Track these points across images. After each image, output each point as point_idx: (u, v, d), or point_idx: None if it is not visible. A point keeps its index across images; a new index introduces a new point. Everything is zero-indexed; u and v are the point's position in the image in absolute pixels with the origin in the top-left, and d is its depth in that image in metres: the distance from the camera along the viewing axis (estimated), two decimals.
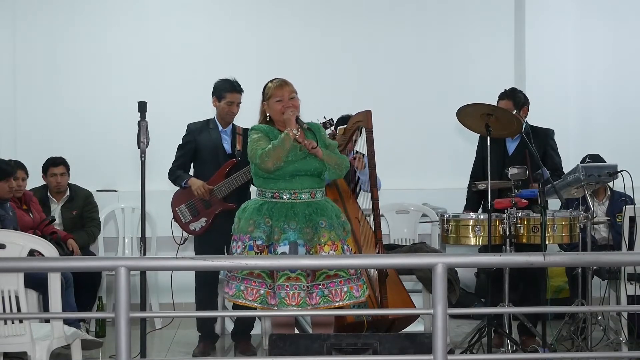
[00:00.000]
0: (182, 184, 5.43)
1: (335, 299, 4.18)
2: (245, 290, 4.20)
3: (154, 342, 5.89)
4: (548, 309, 5.36)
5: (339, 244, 4.25)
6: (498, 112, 5.02)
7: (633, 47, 7.18)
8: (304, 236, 4.20)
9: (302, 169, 4.26)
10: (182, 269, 3.45)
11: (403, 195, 6.77)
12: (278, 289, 4.13)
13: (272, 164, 4.17)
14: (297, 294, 4.11)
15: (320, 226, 4.22)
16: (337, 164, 4.31)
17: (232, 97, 5.45)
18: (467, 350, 4.98)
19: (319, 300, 4.16)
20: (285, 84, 4.35)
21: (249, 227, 4.23)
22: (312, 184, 4.29)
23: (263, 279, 4.18)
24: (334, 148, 4.41)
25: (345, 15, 7.18)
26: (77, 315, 5.42)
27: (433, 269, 2.91)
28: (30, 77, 7.01)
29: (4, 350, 4.17)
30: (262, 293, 4.18)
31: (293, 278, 4.12)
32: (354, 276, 4.25)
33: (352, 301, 4.21)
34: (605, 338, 5.24)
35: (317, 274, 4.19)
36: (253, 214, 4.25)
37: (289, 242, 4.18)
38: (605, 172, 5.23)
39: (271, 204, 4.25)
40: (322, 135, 4.41)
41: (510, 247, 4.91)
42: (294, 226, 4.20)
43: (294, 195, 4.25)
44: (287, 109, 4.29)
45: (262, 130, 4.34)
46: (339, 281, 4.21)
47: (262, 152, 4.19)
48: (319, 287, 4.18)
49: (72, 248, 5.80)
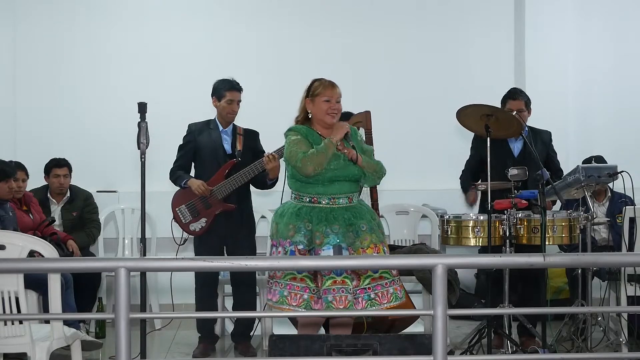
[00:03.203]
0: (182, 184, 5.43)
1: (383, 301, 4.18)
2: (289, 295, 4.16)
3: (154, 342, 5.89)
4: (548, 310, 5.36)
5: (380, 246, 4.26)
6: (498, 112, 5.02)
7: (633, 48, 7.18)
8: (347, 239, 4.19)
9: (341, 175, 4.26)
10: (182, 269, 3.46)
11: (403, 196, 6.76)
12: (324, 292, 4.11)
13: (313, 169, 4.17)
14: (345, 297, 4.09)
15: (361, 229, 4.23)
16: (375, 170, 4.36)
17: (232, 95, 5.44)
18: (467, 351, 4.97)
19: (365, 304, 4.15)
20: (335, 86, 4.36)
21: (289, 232, 4.20)
22: (350, 188, 4.30)
23: (306, 283, 4.15)
24: (371, 154, 4.43)
25: (345, 16, 7.18)
26: (77, 316, 5.41)
27: (433, 269, 2.91)
28: (30, 78, 7.01)
29: (4, 351, 4.17)
30: (306, 298, 4.14)
31: (339, 282, 4.09)
32: (396, 277, 4.26)
33: (397, 303, 4.21)
34: (605, 339, 5.24)
35: (361, 277, 4.17)
36: (292, 218, 4.22)
37: (333, 246, 4.16)
38: (605, 173, 5.23)
39: (309, 208, 4.24)
40: (359, 141, 4.42)
41: (510, 248, 4.91)
42: (336, 230, 4.18)
43: (332, 200, 4.25)
44: (333, 111, 4.30)
45: (301, 133, 4.32)
46: (384, 283, 4.20)
47: (303, 156, 4.18)
48: (364, 292, 4.17)
49: (72, 249, 5.79)
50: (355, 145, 4.33)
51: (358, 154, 4.28)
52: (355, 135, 4.42)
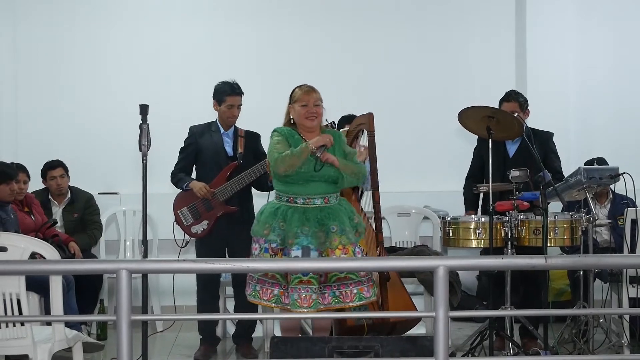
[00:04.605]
0: (183, 186, 5.43)
1: (346, 300, 4.30)
2: (261, 290, 4.34)
3: (156, 344, 5.88)
4: (550, 312, 5.36)
5: (349, 248, 4.36)
6: (499, 114, 5.02)
7: (634, 49, 7.18)
8: (316, 240, 4.30)
9: (317, 175, 4.34)
10: (183, 271, 3.47)
11: (404, 198, 6.76)
12: (291, 290, 4.25)
13: (284, 170, 4.31)
14: (309, 296, 4.23)
15: (331, 231, 4.32)
16: (354, 172, 4.42)
17: (232, 100, 5.44)
18: (469, 353, 4.97)
19: (330, 300, 4.29)
20: (312, 91, 4.47)
21: (265, 230, 4.35)
22: (326, 189, 4.38)
23: (277, 280, 4.30)
24: (353, 156, 4.51)
25: (346, 17, 7.18)
26: (79, 318, 5.41)
27: (434, 271, 2.91)
28: (31, 80, 7.02)
29: (6, 353, 4.17)
30: (276, 293, 4.31)
31: (305, 281, 4.23)
32: (364, 278, 4.35)
33: (362, 302, 4.33)
34: (607, 341, 5.23)
35: (328, 276, 4.30)
36: (269, 217, 4.37)
37: (302, 247, 4.29)
38: (606, 174, 5.22)
39: (286, 208, 4.36)
40: (341, 143, 4.50)
41: (512, 250, 4.90)
42: (306, 231, 4.30)
43: (307, 200, 4.35)
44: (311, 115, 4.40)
45: (282, 134, 4.44)
46: (349, 283, 4.32)
47: (278, 156, 4.31)
48: (330, 288, 4.31)
49: (73, 251, 5.79)
50: (336, 147, 4.41)
51: (336, 157, 4.34)
52: (339, 138, 4.49)
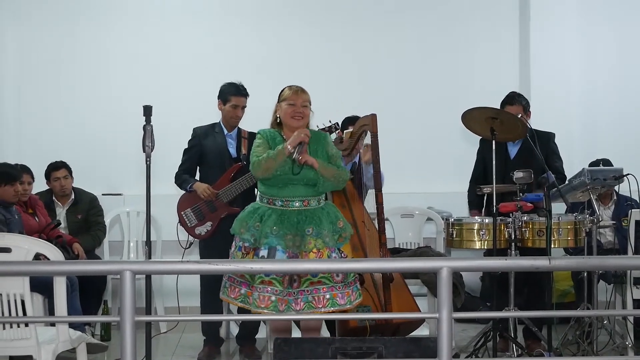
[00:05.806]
0: (187, 188, 5.44)
1: (319, 305, 4.22)
2: (229, 288, 4.33)
3: (159, 345, 5.89)
4: (553, 313, 5.35)
5: (324, 251, 4.27)
6: (503, 115, 5.02)
7: (637, 50, 7.18)
8: (285, 242, 4.25)
9: (296, 178, 4.31)
10: (187, 272, 3.46)
11: (408, 199, 6.76)
12: (253, 289, 4.23)
13: (262, 173, 4.31)
14: (267, 297, 4.19)
15: (306, 234, 4.27)
16: (334, 176, 4.35)
17: (237, 100, 5.46)
18: (473, 355, 4.97)
19: (303, 305, 4.22)
20: (301, 91, 4.43)
21: (240, 229, 4.36)
22: (305, 192, 4.34)
23: (245, 279, 4.28)
24: (337, 159, 4.45)
25: (348, 19, 7.19)
26: (83, 319, 5.42)
27: (438, 272, 2.91)
28: (34, 82, 7.03)
29: (10, 353, 4.18)
30: (243, 292, 4.28)
31: (267, 282, 4.20)
32: (339, 283, 4.26)
33: (335, 308, 4.22)
34: (611, 342, 5.23)
35: (302, 280, 4.24)
36: (247, 216, 4.37)
37: (269, 247, 4.25)
38: (610, 175, 5.22)
39: (265, 209, 4.35)
40: (325, 145, 4.44)
41: (516, 251, 4.90)
42: (276, 232, 4.26)
43: (285, 202, 4.33)
44: (297, 114, 4.36)
45: (264, 136, 4.43)
46: (321, 288, 4.25)
47: (255, 159, 4.31)
48: (303, 293, 4.23)
49: (77, 252, 5.80)
50: (319, 148, 4.37)
51: (317, 159, 4.30)
52: (324, 140, 4.45)
